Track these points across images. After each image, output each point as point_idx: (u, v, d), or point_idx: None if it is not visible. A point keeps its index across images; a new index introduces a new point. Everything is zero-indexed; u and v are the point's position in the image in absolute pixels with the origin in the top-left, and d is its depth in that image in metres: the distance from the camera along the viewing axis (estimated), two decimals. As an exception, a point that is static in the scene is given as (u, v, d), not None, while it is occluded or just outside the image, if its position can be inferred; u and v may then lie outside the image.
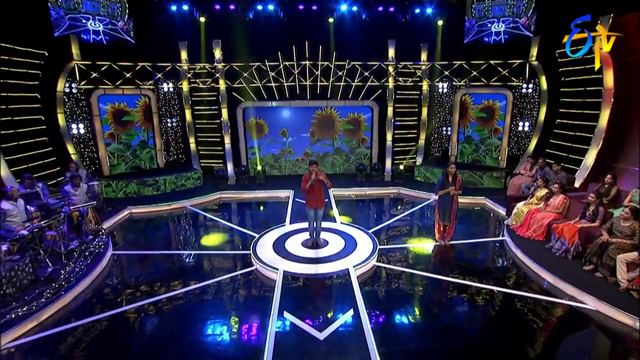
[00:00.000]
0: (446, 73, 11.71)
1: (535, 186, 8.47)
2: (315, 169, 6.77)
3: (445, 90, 13.03)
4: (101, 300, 5.65)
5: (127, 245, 7.88)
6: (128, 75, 10.75)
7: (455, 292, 5.82)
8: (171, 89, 12.29)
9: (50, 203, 6.89)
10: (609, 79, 8.80)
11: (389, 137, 12.65)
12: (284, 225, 8.57)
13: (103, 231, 7.75)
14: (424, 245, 7.73)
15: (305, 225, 8.05)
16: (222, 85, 11.82)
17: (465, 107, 12.58)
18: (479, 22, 11.71)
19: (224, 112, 12.11)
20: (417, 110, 13.21)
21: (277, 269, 6.33)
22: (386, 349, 4.43)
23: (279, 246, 7.30)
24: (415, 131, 13.40)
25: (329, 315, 5.16)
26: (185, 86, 11.97)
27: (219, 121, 12.44)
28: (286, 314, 5.13)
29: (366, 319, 4.97)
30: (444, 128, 13.37)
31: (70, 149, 10.32)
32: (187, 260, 7.15)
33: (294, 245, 7.37)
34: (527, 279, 6.26)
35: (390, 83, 12.15)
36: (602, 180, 7.89)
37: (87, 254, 6.66)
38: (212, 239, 8.24)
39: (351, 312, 5.19)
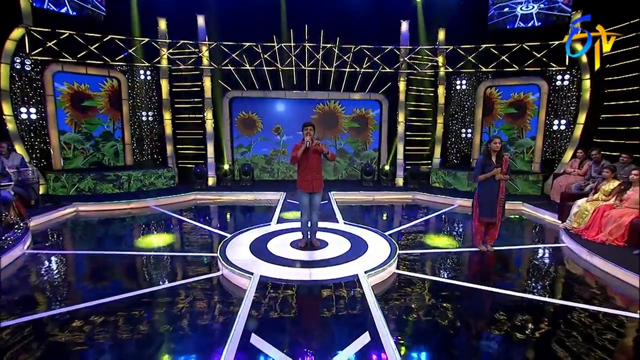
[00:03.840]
0: (469, 58, 10.12)
1: (599, 179, 6.61)
2: (311, 132, 4.98)
3: (464, 87, 11.46)
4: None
5: (56, 245, 5.90)
6: (92, 48, 9.12)
7: (515, 309, 3.81)
8: (149, 77, 10.73)
9: None
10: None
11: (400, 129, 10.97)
12: (269, 224, 6.64)
13: (21, 225, 5.78)
14: (460, 251, 5.76)
15: (297, 225, 6.09)
16: (205, 61, 10.25)
17: (491, 102, 10.93)
18: (498, 3, 10.30)
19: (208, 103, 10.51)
20: (431, 110, 11.61)
21: (252, 274, 4.35)
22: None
23: (258, 247, 5.35)
24: (430, 133, 11.73)
25: (331, 342, 3.15)
26: (164, 67, 10.40)
27: (202, 116, 10.79)
28: (255, 339, 3.12)
29: (392, 347, 2.96)
30: (464, 130, 11.71)
31: (11, 126, 8.49)
32: (128, 264, 5.17)
33: (280, 246, 5.42)
34: (619, 295, 4.26)
35: (403, 76, 10.64)
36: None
37: (-21, 248, 4.69)
38: (170, 240, 6.29)
39: (366, 336, 3.17)
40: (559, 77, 9.81)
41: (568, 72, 9.74)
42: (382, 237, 5.85)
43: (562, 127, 9.92)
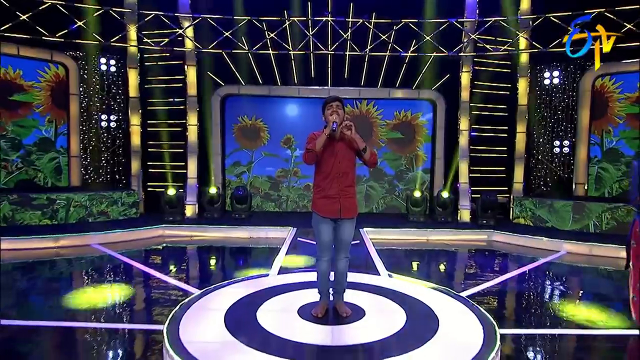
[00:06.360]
0: (570, 28, 8.54)
1: None
2: (339, 111, 3.74)
3: (556, 79, 9.95)
4: None
5: None
6: (24, 17, 8.09)
7: None
8: (112, 67, 9.75)
9: None
10: None
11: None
12: (267, 275, 5.07)
13: None
14: (610, 335, 3.96)
15: (313, 277, 4.33)
16: (188, 45, 9.32)
17: (604, 99, 9.40)
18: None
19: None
20: (508, 114, 10.26)
21: (216, 378, 2.69)
22: None
23: (240, 317, 3.71)
24: (506, 148, 10.30)
25: None
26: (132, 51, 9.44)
27: (183, 121, 9.77)
28: None
29: None
30: (557, 142, 10.11)
31: None
32: (12, 343, 3.63)
33: (280, 314, 3.78)
34: None
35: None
36: None
37: None
38: (103, 301, 4.75)
39: None
40: None
41: None
42: (459, 302, 4.14)
43: None
